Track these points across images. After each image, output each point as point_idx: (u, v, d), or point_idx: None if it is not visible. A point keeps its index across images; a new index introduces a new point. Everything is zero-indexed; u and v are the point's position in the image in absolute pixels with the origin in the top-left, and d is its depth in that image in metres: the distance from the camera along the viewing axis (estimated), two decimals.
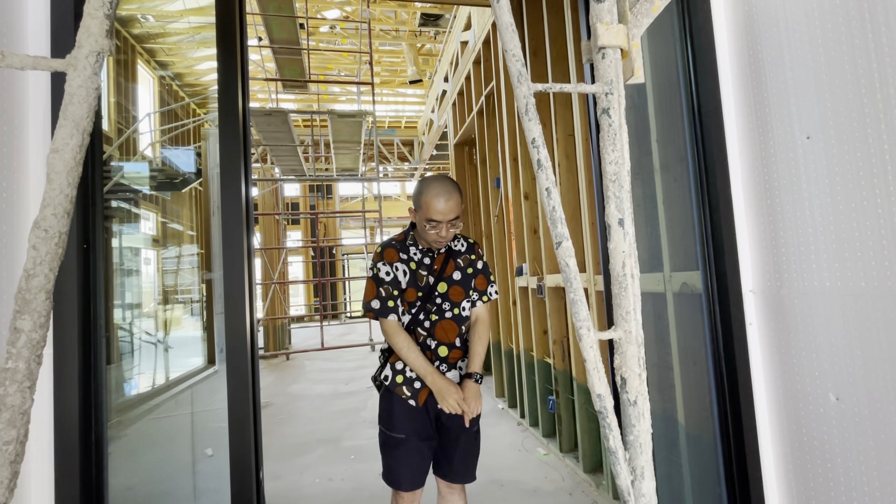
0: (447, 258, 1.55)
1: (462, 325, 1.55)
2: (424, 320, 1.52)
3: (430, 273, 1.53)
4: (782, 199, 1.19)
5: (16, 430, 0.46)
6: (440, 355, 1.51)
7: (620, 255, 0.64)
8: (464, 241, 1.62)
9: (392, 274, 1.52)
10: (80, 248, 0.98)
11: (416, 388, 1.50)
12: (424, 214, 1.44)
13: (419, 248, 1.55)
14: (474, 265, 1.59)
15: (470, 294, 1.56)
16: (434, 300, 1.52)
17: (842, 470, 1.07)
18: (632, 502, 0.64)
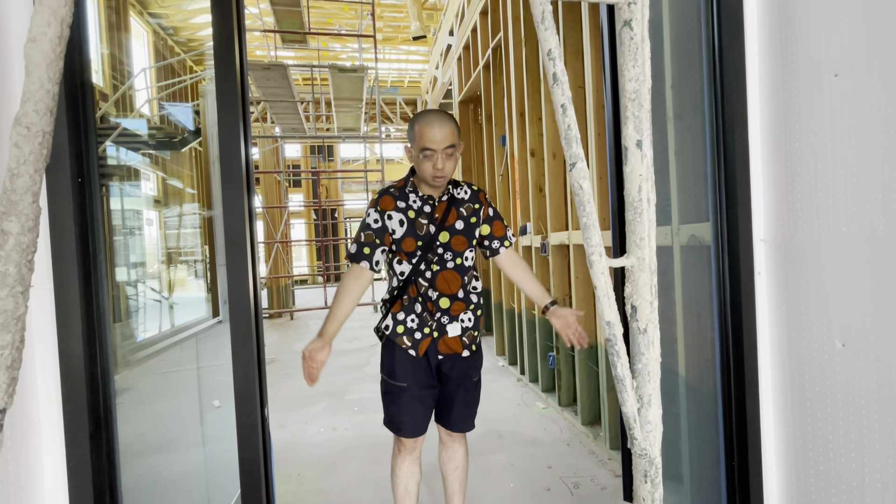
0: (449, 206, 1.49)
1: (464, 275, 1.51)
2: (426, 271, 1.47)
3: (431, 222, 1.47)
4: (802, 142, 1.14)
5: (10, 336, 0.44)
6: (441, 307, 1.48)
7: (637, 178, 0.61)
8: (467, 188, 1.55)
9: (381, 222, 1.48)
10: (74, 181, 0.95)
11: (417, 339, 1.48)
12: (419, 144, 1.38)
13: (419, 195, 1.49)
14: (479, 214, 1.53)
15: (472, 243, 1.51)
16: (435, 250, 1.47)
17: (842, 414, 1.08)
18: (637, 429, 0.64)
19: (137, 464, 1.34)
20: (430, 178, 1.42)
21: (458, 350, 1.51)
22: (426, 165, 1.40)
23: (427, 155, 1.38)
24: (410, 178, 1.52)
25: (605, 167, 2.27)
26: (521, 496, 1.95)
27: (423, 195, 1.49)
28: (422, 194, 1.49)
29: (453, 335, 1.48)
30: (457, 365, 1.52)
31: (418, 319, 1.48)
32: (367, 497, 2.00)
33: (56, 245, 0.91)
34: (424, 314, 1.48)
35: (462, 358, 1.53)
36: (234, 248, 0.98)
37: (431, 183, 1.44)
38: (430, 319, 1.48)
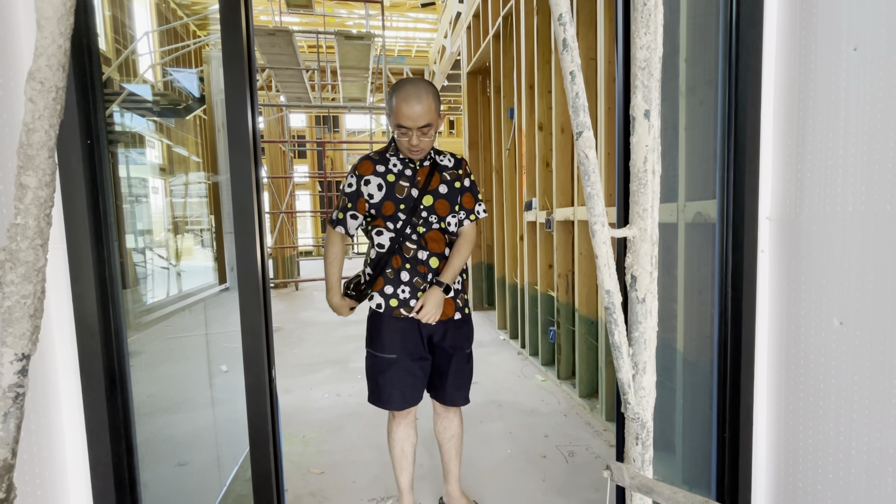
0: (432, 171, 1.47)
1: (448, 236, 1.51)
2: (412, 234, 1.45)
3: (414, 185, 1.46)
4: (815, 118, 1.13)
5: (32, 286, 0.46)
6: (432, 267, 1.46)
7: (643, 149, 0.61)
8: (451, 157, 1.55)
9: (355, 187, 1.47)
10: (84, 144, 0.96)
11: (413, 306, 1.46)
12: (395, 120, 1.36)
13: (400, 157, 1.47)
14: (461, 180, 1.52)
15: (454, 209, 1.51)
16: (419, 213, 1.45)
17: (834, 390, 1.10)
18: (631, 394, 0.66)
19: (150, 422, 1.40)
20: (406, 152, 1.42)
21: (450, 313, 1.50)
22: (402, 140, 1.39)
23: (402, 132, 1.37)
24: (393, 142, 1.50)
25: (613, 143, 2.24)
26: (517, 462, 2.02)
27: (405, 158, 1.47)
28: (403, 157, 1.47)
29: (447, 297, 1.47)
30: (448, 333, 1.51)
31: (410, 287, 1.46)
32: (369, 458, 2.09)
33: (68, 206, 0.92)
34: (415, 279, 1.46)
35: (454, 324, 1.52)
36: (241, 213, 0.99)
37: (410, 156, 1.44)
38: (423, 283, 1.46)
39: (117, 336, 0.97)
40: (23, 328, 0.46)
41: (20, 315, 0.46)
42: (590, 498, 1.75)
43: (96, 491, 0.98)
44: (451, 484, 1.67)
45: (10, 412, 0.47)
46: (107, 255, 0.95)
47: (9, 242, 0.46)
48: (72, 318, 0.94)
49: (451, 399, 1.56)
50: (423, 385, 1.52)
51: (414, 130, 1.36)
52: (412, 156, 1.43)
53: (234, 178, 1.02)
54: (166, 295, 2.27)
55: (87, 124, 0.97)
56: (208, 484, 1.82)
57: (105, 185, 0.96)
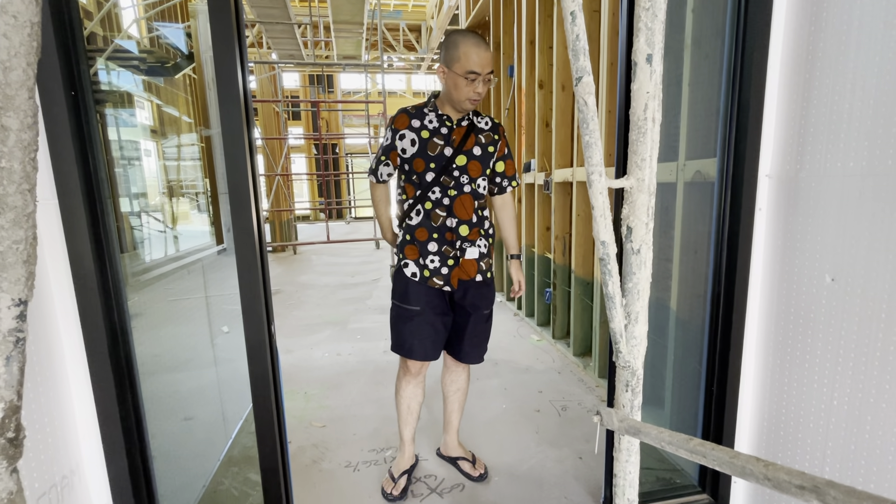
0: (469, 132, 1.46)
1: (478, 200, 1.51)
2: (443, 197, 1.46)
3: (448, 144, 1.45)
4: (823, 70, 1.09)
5: (23, 231, 0.46)
6: (461, 234, 1.48)
7: (644, 96, 0.59)
8: (489, 119, 1.53)
9: (390, 140, 1.49)
10: (67, 95, 0.93)
11: (445, 274, 1.49)
12: (463, 66, 1.35)
13: (438, 114, 1.46)
14: (497, 145, 1.51)
15: (486, 172, 1.50)
16: (451, 173, 1.45)
17: (821, 344, 1.13)
18: (623, 343, 0.67)
19: (156, 380, 1.43)
20: (467, 102, 1.40)
21: (472, 274, 1.51)
22: (466, 89, 1.37)
23: (471, 79, 1.36)
24: (432, 98, 1.50)
25: (614, 100, 2.19)
26: (512, 416, 2.10)
27: (443, 115, 1.46)
28: (441, 114, 1.46)
29: (470, 258, 1.50)
30: (469, 293, 1.53)
31: (440, 256, 1.48)
32: (369, 413, 2.16)
33: (56, 159, 0.90)
34: (444, 247, 1.48)
35: (475, 285, 1.54)
36: (235, 170, 0.97)
37: (465, 107, 1.42)
38: (451, 250, 1.48)
39: (115, 287, 0.97)
40: (17, 274, 0.46)
41: (14, 261, 0.46)
42: (580, 448, 1.83)
43: (105, 440, 1.02)
44: (450, 434, 1.74)
45: (12, 356, 0.48)
46: (100, 209, 0.94)
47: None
48: (69, 272, 0.94)
49: (467, 357, 1.60)
50: (443, 341, 1.56)
51: (482, 77, 1.37)
52: (469, 106, 1.41)
53: (227, 136, 0.99)
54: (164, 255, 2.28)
55: (70, 74, 0.93)
56: (215, 436, 1.89)
57: (93, 137, 0.94)
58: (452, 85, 1.39)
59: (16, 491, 0.51)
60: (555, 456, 1.78)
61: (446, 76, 1.40)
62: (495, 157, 1.52)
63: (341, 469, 1.74)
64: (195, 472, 1.67)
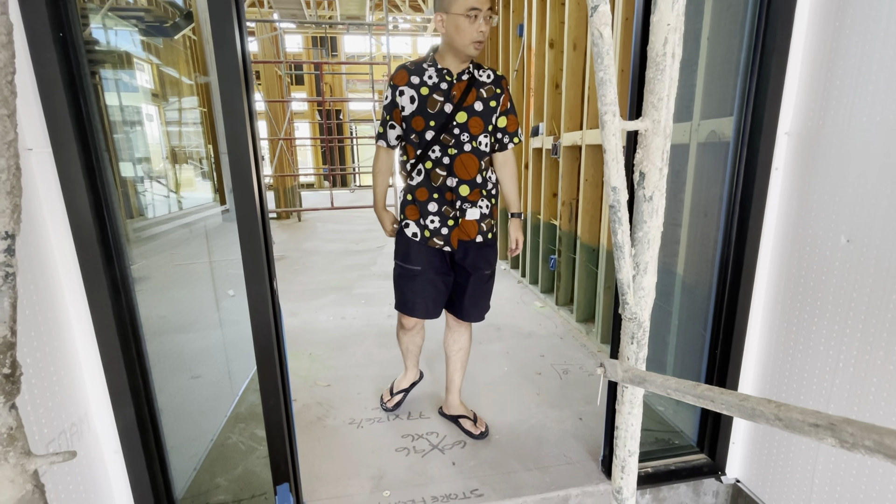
0: (469, 86, 1.41)
1: (482, 159, 1.47)
2: (443, 157, 1.43)
3: (449, 100, 1.40)
4: (854, 18, 1.02)
5: (4, 160, 0.44)
6: (461, 195, 1.46)
7: (664, 28, 0.55)
8: (491, 71, 1.46)
9: (390, 98, 1.45)
10: (56, 36, 0.89)
11: (445, 234, 1.49)
12: (464, 4, 1.30)
13: (438, 69, 1.41)
14: (500, 99, 1.45)
15: (488, 128, 1.45)
16: (451, 131, 1.41)
17: (830, 307, 1.11)
18: (630, 294, 0.65)
19: (162, 340, 1.45)
20: (471, 46, 1.35)
21: (472, 234, 1.51)
22: (469, 30, 1.32)
23: (473, 15, 1.31)
24: (432, 53, 1.45)
25: (627, 59, 2.09)
26: (513, 378, 2.12)
27: (443, 69, 1.41)
28: (441, 68, 1.41)
29: (471, 219, 1.49)
30: (469, 254, 1.53)
31: (439, 217, 1.48)
32: (373, 373, 2.19)
33: (46, 102, 0.87)
34: (444, 207, 1.47)
35: (475, 245, 1.53)
36: (233, 122, 0.94)
37: (470, 52, 1.36)
38: (451, 210, 1.47)
39: (115, 239, 0.96)
40: (2, 205, 0.44)
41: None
42: (580, 409, 1.86)
43: (112, 389, 1.03)
44: (452, 394, 1.77)
45: (2, 290, 0.47)
46: (95, 157, 0.91)
47: None
48: (67, 223, 0.92)
49: (467, 314, 1.62)
50: (444, 300, 1.60)
51: (483, 12, 1.31)
52: (474, 50, 1.35)
53: (225, 95, 0.95)
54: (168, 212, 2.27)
55: (57, 13, 0.89)
56: (222, 393, 1.93)
57: (85, 82, 0.91)
58: (454, 29, 1.33)
59: (15, 427, 0.51)
60: (555, 416, 1.81)
61: (446, 22, 1.34)
62: (498, 111, 1.46)
63: (345, 426, 1.78)
64: (203, 427, 1.72)
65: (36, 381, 0.89)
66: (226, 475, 1.51)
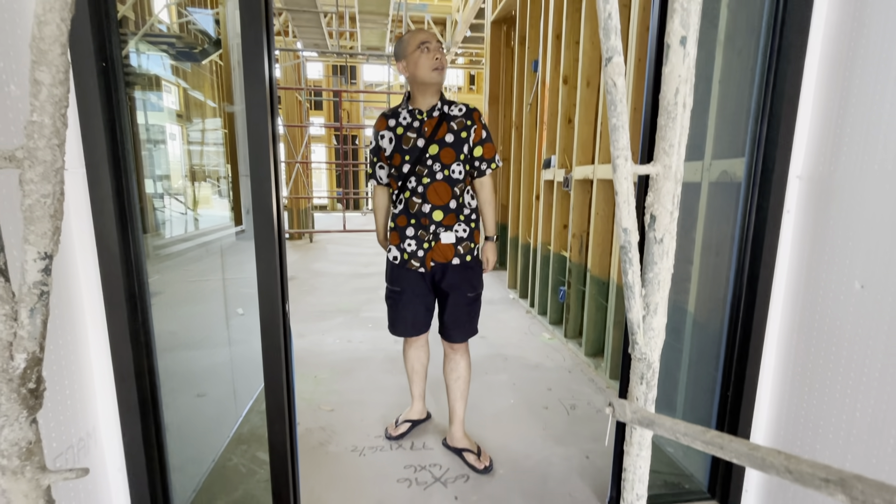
0: (440, 121, 1.55)
1: (455, 186, 1.57)
2: (418, 185, 1.55)
3: (420, 135, 1.54)
4: (864, 67, 1.05)
5: (51, 186, 0.47)
6: (435, 220, 1.56)
7: (675, 79, 0.57)
8: (462, 106, 1.60)
9: (374, 143, 1.63)
10: (98, 66, 0.95)
11: (421, 256, 1.59)
12: (413, 44, 1.49)
13: (410, 110, 1.57)
14: (470, 130, 1.57)
15: (460, 157, 1.56)
16: (425, 162, 1.54)
17: (846, 353, 1.09)
18: (640, 335, 0.66)
19: (171, 356, 1.46)
20: (433, 73, 1.50)
21: (449, 257, 1.59)
22: (425, 60, 1.49)
23: (425, 48, 1.48)
24: (406, 97, 1.61)
25: (640, 97, 2.14)
26: (519, 411, 2.09)
27: (414, 110, 1.57)
28: (412, 108, 1.57)
29: (446, 242, 1.58)
30: (447, 275, 1.61)
31: (416, 240, 1.59)
32: (378, 399, 2.17)
33: (85, 127, 0.92)
34: (419, 232, 1.58)
35: (453, 268, 1.60)
36: (257, 148, 0.98)
37: (434, 79, 1.51)
38: (426, 234, 1.57)
39: (136, 257, 0.99)
40: (44, 227, 0.47)
41: (41, 214, 0.46)
42: (588, 447, 1.81)
43: (121, 404, 1.04)
44: (455, 425, 1.74)
45: (35, 308, 0.49)
46: (125, 179, 0.96)
47: (27, 140, 0.46)
48: (93, 240, 0.96)
49: (449, 335, 1.67)
50: (425, 319, 1.70)
51: (434, 43, 1.48)
52: (436, 78, 1.51)
53: (251, 118, 1.00)
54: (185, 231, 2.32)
55: (102, 46, 0.95)
56: (226, 413, 1.93)
57: (121, 109, 0.96)
58: (414, 66, 1.50)
59: (34, 441, 0.52)
60: (561, 453, 1.77)
61: (407, 64, 1.52)
62: (472, 142, 1.57)
63: (347, 453, 1.76)
64: (205, 446, 1.70)
65: (50, 393, 0.90)
66: (225, 497, 1.49)
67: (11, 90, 0.83)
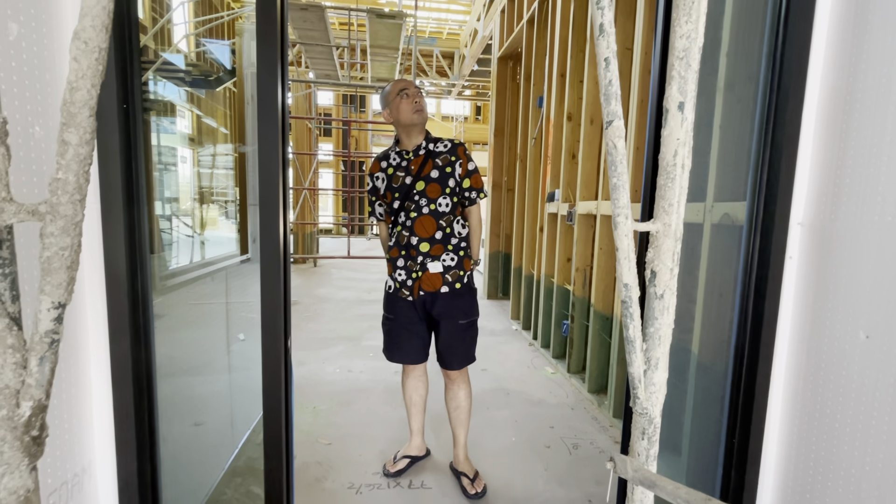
0: (426, 159, 1.66)
1: (440, 219, 1.66)
2: (406, 220, 1.66)
3: (409, 174, 1.66)
4: (861, 118, 1.08)
5: (70, 239, 0.48)
6: (422, 251, 1.66)
7: (674, 142, 0.59)
8: (448, 142, 1.70)
9: (371, 184, 1.76)
10: (120, 108, 0.99)
11: (410, 286, 1.69)
12: (395, 90, 1.63)
13: (398, 151, 1.70)
14: (454, 165, 1.67)
15: (446, 191, 1.65)
16: (412, 198, 1.65)
17: (853, 405, 1.07)
18: (641, 389, 0.66)
19: (169, 382, 1.46)
20: (414, 115, 1.62)
21: (437, 286, 1.66)
22: (405, 104, 1.61)
23: (404, 94, 1.61)
24: (395, 141, 1.72)
25: (643, 137, 2.19)
26: (521, 450, 2.04)
27: (401, 151, 1.69)
28: (400, 150, 1.69)
29: (434, 272, 1.66)
30: (438, 303, 1.68)
31: (405, 271, 1.68)
32: (377, 433, 2.13)
33: (103, 166, 0.95)
34: (408, 262, 1.68)
35: (442, 296, 1.67)
36: (267, 183, 1.01)
37: (415, 120, 1.62)
38: (415, 265, 1.67)
39: (144, 293, 1.01)
40: (60, 278, 0.49)
41: (58, 266, 0.48)
42: (591, 491, 1.76)
43: (119, 441, 1.04)
44: (457, 449, 1.83)
45: (45, 356, 0.50)
46: (137, 216, 0.98)
47: (50, 196, 0.48)
48: (102, 275, 0.98)
49: (444, 362, 1.74)
50: (420, 347, 1.76)
51: (412, 88, 1.62)
52: (417, 119, 1.62)
53: (262, 151, 1.03)
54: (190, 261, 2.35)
55: (125, 88, 0.99)
56: (222, 444, 1.90)
57: (138, 148, 0.99)
58: (397, 111, 1.63)
59: (32, 489, 0.52)
60: (563, 496, 1.72)
61: (390, 112, 1.65)
62: (458, 175, 1.67)
63: (344, 490, 1.72)
64: (200, 480, 1.67)
65: (49, 429, 0.90)
66: None
67: (36, 131, 0.87)
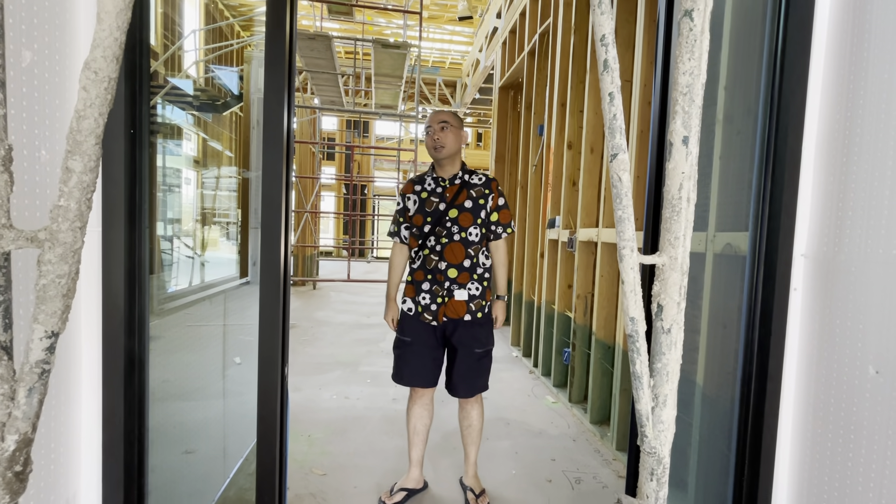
0: (461, 188, 1.73)
1: (469, 248, 1.70)
2: (436, 245, 1.70)
3: (443, 200, 1.72)
4: (861, 154, 1.08)
5: (68, 266, 0.48)
6: (450, 276, 1.69)
7: (679, 176, 0.59)
8: (483, 176, 1.78)
9: (402, 204, 1.80)
10: (127, 133, 1.00)
11: (434, 310, 1.70)
12: (425, 128, 1.75)
13: (434, 177, 1.76)
14: (488, 198, 1.74)
15: (477, 221, 1.71)
16: (444, 224, 1.70)
17: (865, 442, 1.04)
18: (649, 427, 0.64)
19: (162, 407, 1.42)
20: (432, 150, 1.71)
21: (461, 313, 1.69)
22: (427, 141, 1.73)
23: (429, 133, 1.72)
24: (432, 167, 1.80)
25: (643, 167, 2.21)
26: (522, 483, 1.98)
27: (438, 177, 1.76)
28: (436, 176, 1.76)
29: (460, 299, 1.69)
30: (458, 330, 1.70)
31: (429, 294, 1.70)
32: (373, 464, 2.07)
33: (106, 191, 0.96)
34: (434, 286, 1.70)
35: (465, 324, 1.70)
36: (270, 210, 1.01)
37: (434, 155, 1.72)
38: (441, 290, 1.69)
39: (140, 322, 0.99)
40: (55, 307, 0.48)
41: (54, 294, 0.47)
42: None
43: (106, 472, 1.00)
44: (467, 465, 1.85)
45: (34, 387, 0.49)
46: (138, 243, 0.98)
47: (50, 223, 0.47)
48: (99, 300, 0.96)
49: (455, 390, 1.74)
50: (433, 371, 1.75)
51: (434, 126, 1.71)
52: (437, 154, 1.71)
53: (266, 175, 1.04)
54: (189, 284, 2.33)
55: (132, 114, 1.00)
56: (213, 474, 1.84)
57: (143, 174, 1.00)
58: (426, 147, 1.73)
59: None
60: None
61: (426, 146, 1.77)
62: (489, 209, 1.74)
63: None
64: None
65: (35, 458, 0.87)
66: None
67: (42, 155, 0.87)
